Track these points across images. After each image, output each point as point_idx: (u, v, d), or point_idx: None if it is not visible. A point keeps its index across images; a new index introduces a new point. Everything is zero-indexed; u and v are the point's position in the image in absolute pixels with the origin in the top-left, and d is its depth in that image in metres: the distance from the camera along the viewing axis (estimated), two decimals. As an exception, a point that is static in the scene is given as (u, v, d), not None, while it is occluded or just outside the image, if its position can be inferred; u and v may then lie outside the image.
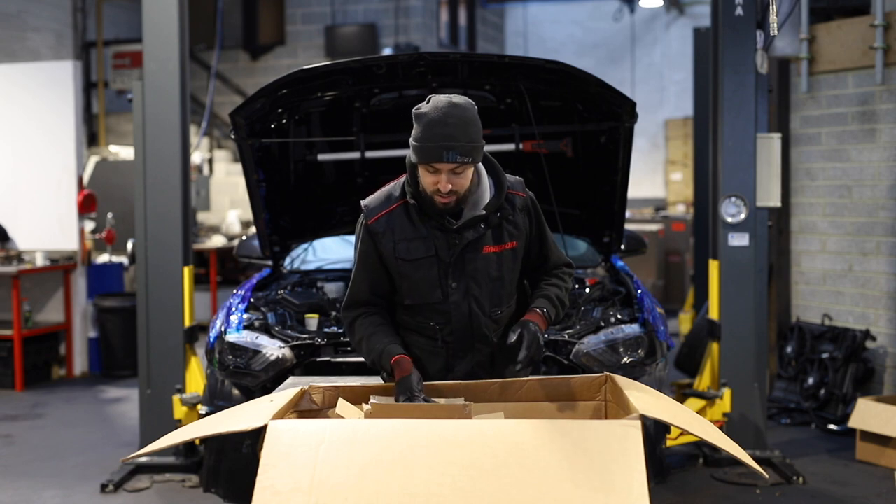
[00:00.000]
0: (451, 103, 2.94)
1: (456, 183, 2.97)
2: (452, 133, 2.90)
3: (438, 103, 2.94)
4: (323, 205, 5.79)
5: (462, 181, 2.99)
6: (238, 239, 8.22)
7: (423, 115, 2.95)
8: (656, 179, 15.93)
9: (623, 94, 4.68)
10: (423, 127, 2.94)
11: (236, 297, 5.06)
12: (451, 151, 2.91)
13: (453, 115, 2.92)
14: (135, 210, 5.51)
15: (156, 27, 5.41)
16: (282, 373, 4.50)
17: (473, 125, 2.96)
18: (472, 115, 2.97)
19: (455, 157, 2.91)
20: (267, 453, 2.50)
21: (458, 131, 2.91)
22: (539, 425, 2.63)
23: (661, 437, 4.72)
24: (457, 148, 2.91)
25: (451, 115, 2.92)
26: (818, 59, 6.70)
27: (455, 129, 2.91)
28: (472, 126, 2.95)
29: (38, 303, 8.07)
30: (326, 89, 5.01)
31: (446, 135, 2.90)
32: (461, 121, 2.92)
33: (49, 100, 7.91)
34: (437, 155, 2.92)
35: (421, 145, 2.95)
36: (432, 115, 2.93)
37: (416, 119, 2.98)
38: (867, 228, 6.55)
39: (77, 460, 5.79)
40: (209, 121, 11.41)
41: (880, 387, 6.41)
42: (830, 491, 5.13)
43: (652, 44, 16.19)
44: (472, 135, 2.95)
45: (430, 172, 2.98)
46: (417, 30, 12.64)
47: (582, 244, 5.68)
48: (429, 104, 2.97)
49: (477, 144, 2.97)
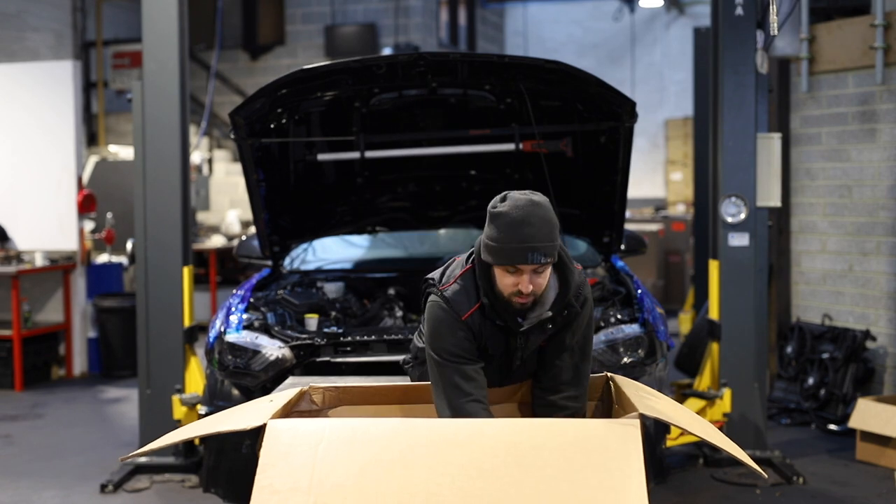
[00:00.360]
0: (531, 202, 2.83)
1: (536, 283, 2.86)
2: (536, 234, 2.79)
3: (518, 202, 2.83)
4: (323, 205, 5.79)
5: (542, 281, 2.88)
6: (238, 239, 8.23)
7: (503, 215, 2.82)
8: (656, 179, 15.93)
9: (623, 94, 4.68)
10: (506, 227, 2.81)
11: (236, 297, 5.05)
12: (536, 253, 2.80)
13: (535, 214, 2.81)
14: (134, 210, 5.51)
15: (155, 27, 5.41)
16: (281, 373, 4.51)
17: (553, 224, 2.85)
18: (552, 213, 2.86)
19: (539, 258, 2.81)
20: (266, 453, 2.50)
21: (541, 232, 2.80)
22: (539, 425, 2.63)
23: (661, 437, 4.72)
24: (541, 249, 2.80)
25: (534, 216, 2.81)
26: (818, 59, 6.70)
27: (538, 230, 2.80)
28: (553, 225, 2.84)
29: (37, 303, 8.07)
30: (326, 89, 5.01)
31: (530, 235, 2.79)
32: (543, 221, 2.82)
33: (49, 99, 7.91)
34: (521, 257, 2.80)
35: (503, 246, 2.81)
36: (514, 214, 2.80)
37: (493, 218, 2.85)
38: (867, 228, 6.55)
39: (77, 460, 5.79)
40: (209, 121, 11.41)
41: (880, 387, 6.40)
42: (830, 491, 5.12)
43: (652, 44, 16.19)
44: (553, 235, 2.84)
45: (509, 273, 2.86)
46: (417, 30, 12.63)
47: (582, 244, 5.68)
48: (506, 202, 2.84)
49: (557, 244, 2.86)
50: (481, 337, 2.97)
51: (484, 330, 2.97)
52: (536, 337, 2.98)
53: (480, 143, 5.20)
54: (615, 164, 5.02)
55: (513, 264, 2.83)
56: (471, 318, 2.95)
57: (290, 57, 12.79)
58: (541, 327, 2.96)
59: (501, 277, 2.88)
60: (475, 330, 2.95)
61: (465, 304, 2.96)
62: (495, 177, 5.51)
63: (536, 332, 2.97)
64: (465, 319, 2.94)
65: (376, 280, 5.71)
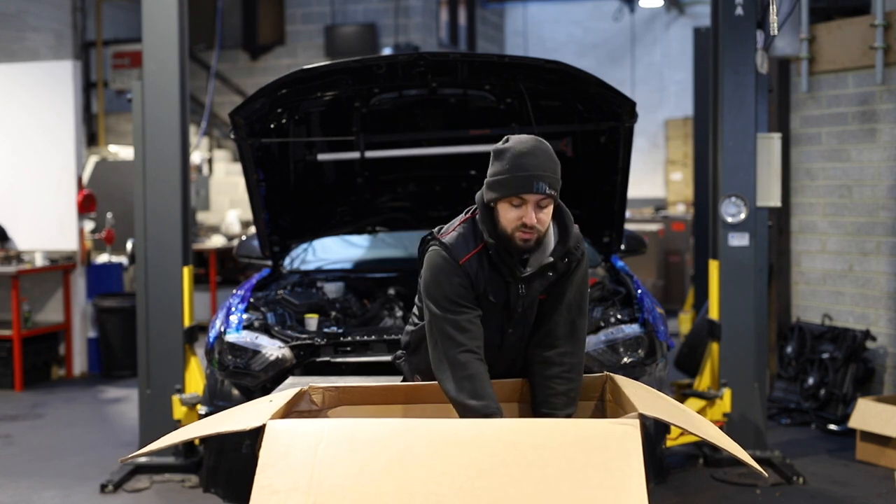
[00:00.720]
0: (535, 138, 2.93)
1: (539, 219, 2.91)
2: (541, 164, 2.87)
3: (522, 138, 2.92)
4: (323, 205, 5.79)
5: (545, 217, 2.93)
6: (238, 239, 8.23)
7: (508, 150, 2.91)
8: (656, 179, 15.93)
9: (623, 94, 4.67)
10: (510, 159, 2.89)
11: (236, 297, 5.05)
12: (541, 182, 2.86)
13: (539, 148, 2.90)
14: (134, 210, 5.51)
15: (155, 27, 5.41)
16: (281, 373, 4.50)
17: (556, 161, 2.92)
18: (553, 151, 2.94)
19: (544, 188, 2.87)
20: (265, 453, 2.50)
21: (546, 163, 2.88)
22: (538, 425, 2.63)
23: (661, 437, 4.72)
24: (545, 179, 2.87)
25: (538, 149, 2.90)
26: (818, 59, 6.70)
27: (543, 161, 2.88)
28: (556, 162, 2.92)
29: (37, 303, 8.07)
30: (326, 89, 5.01)
31: (536, 165, 2.87)
32: (546, 154, 2.90)
33: (49, 99, 7.91)
34: (527, 185, 2.86)
35: (508, 177, 2.88)
36: (519, 147, 2.90)
37: (497, 155, 2.93)
38: (867, 228, 6.55)
39: (77, 460, 5.79)
40: (209, 121, 11.41)
41: (880, 387, 6.40)
42: (830, 491, 5.12)
43: (652, 44, 16.18)
44: (556, 169, 2.91)
45: (513, 206, 2.90)
46: (417, 30, 12.63)
47: (582, 244, 5.68)
48: (510, 141, 2.93)
49: (559, 179, 2.92)
50: (479, 283, 3.00)
51: (483, 276, 2.99)
52: (538, 284, 3.02)
53: (480, 143, 5.20)
54: (615, 164, 5.02)
55: (518, 194, 2.88)
56: (468, 263, 2.99)
57: (290, 57, 12.78)
58: (542, 274, 3.00)
59: (505, 213, 2.92)
60: (472, 275, 2.99)
61: (464, 249, 3.00)
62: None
63: (538, 279, 3.01)
64: (463, 264, 2.98)
65: (376, 280, 5.71)
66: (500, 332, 3.09)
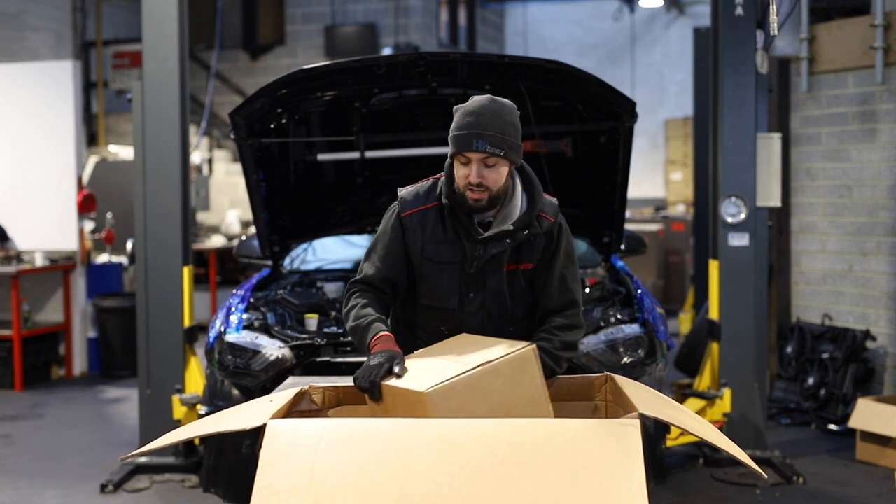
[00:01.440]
0: (490, 98, 2.98)
1: (487, 177, 2.95)
2: (484, 123, 2.91)
3: (478, 98, 2.99)
4: (323, 205, 5.79)
5: (494, 176, 2.96)
6: (238, 239, 8.22)
7: (461, 108, 2.99)
8: (656, 179, 15.93)
9: (623, 94, 4.68)
10: (459, 116, 2.97)
11: (236, 297, 5.05)
12: (481, 140, 2.90)
13: (488, 107, 2.94)
14: (134, 210, 5.51)
15: (156, 27, 5.41)
16: (281, 373, 4.50)
17: (508, 121, 2.96)
18: (510, 111, 2.98)
19: (485, 146, 2.90)
20: (265, 453, 2.50)
21: (490, 122, 2.92)
22: (538, 425, 2.63)
23: (661, 437, 4.72)
24: (486, 137, 2.90)
25: (486, 108, 2.94)
26: (818, 59, 6.70)
27: (487, 120, 2.92)
28: (506, 121, 2.95)
29: (37, 303, 8.07)
30: (326, 89, 5.01)
31: (478, 123, 2.91)
32: (495, 114, 2.94)
33: (49, 99, 7.91)
34: (467, 142, 2.92)
35: (454, 134, 2.96)
36: (469, 107, 2.96)
37: (454, 112, 3.01)
38: (867, 228, 6.55)
39: (77, 460, 5.79)
40: (209, 121, 11.41)
41: (880, 387, 6.40)
42: (830, 491, 5.12)
43: (652, 44, 16.19)
44: (505, 128, 2.94)
45: (462, 164, 2.97)
46: (417, 30, 12.63)
47: (582, 244, 5.68)
48: (467, 101, 3.00)
49: (508, 138, 2.94)
50: (417, 239, 3.07)
51: (426, 233, 3.07)
52: (493, 247, 3.04)
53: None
54: (615, 164, 5.02)
55: (461, 151, 2.94)
56: (410, 217, 3.08)
57: (290, 57, 12.79)
58: (499, 239, 3.03)
59: (457, 170, 2.99)
60: (411, 229, 3.07)
61: (411, 204, 3.10)
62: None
63: (494, 243, 3.03)
64: (406, 216, 3.08)
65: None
66: (458, 295, 3.10)
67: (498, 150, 2.92)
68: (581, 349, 4.45)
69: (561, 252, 3.11)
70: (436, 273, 3.09)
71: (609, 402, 3.05)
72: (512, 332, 3.12)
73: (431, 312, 3.14)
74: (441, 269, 3.08)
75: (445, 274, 3.08)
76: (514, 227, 3.01)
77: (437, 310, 3.13)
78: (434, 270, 3.09)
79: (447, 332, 3.11)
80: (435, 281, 3.10)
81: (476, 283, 3.09)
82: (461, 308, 3.11)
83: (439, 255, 3.08)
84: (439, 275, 3.09)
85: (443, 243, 3.07)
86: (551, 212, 3.10)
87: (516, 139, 2.97)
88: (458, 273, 3.08)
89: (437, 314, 3.13)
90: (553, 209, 3.11)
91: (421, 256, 3.09)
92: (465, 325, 3.11)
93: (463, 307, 3.11)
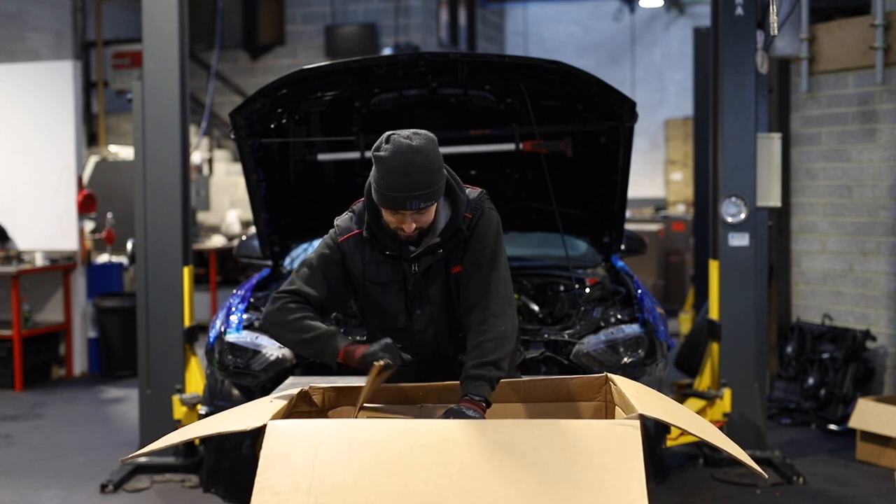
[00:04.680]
0: (411, 148, 2.83)
1: (420, 221, 2.94)
2: (415, 182, 2.82)
3: (399, 148, 2.84)
4: (323, 205, 5.78)
5: (426, 218, 2.95)
6: (238, 239, 8.22)
7: (382, 160, 2.86)
8: (656, 179, 15.93)
9: (623, 94, 4.67)
10: (385, 174, 2.85)
11: (236, 297, 5.05)
12: (415, 200, 2.85)
13: (414, 162, 2.82)
14: (135, 210, 5.51)
15: (156, 27, 5.41)
16: (282, 373, 4.50)
17: (435, 168, 2.87)
18: (433, 156, 2.87)
19: (418, 205, 2.86)
20: (266, 454, 2.50)
21: (421, 178, 2.83)
22: (538, 425, 2.63)
23: (661, 437, 4.72)
24: (420, 196, 2.85)
25: (412, 163, 2.82)
26: (818, 59, 6.70)
27: (418, 178, 2.83)
28: (433, 169, 2.86)
29: (37, 303, 8.07)
30: (326, 89, 5.01)
31: (409, 184, 2.82)
32: (421, 168, 2.83)
33: (49, 99, 7.91)
34: (400, 204, 2.86)
35: (384, 193, 2.87)
36: (393, 163, 2.83)
37: (376, 162, 2.89)
38: (867, 228, 6.55)
39: (77, 460, 5.79)
40: (209, 121, 11.41)
41: (880, 387, 6.40)
42: (830, 491, 5.13)
43: (652, 44, 16.19)
44: (434, 179, 2.87)
45: (392, 214, 2.93)
46: (417, 30, 12.63)
47: (582, 244, 5.68)
48: (388, 146, 2.86)
49: (438, 187, 2.90)
50: (356, 264, 3.08)
51: (363, 257, 3.07)
52: (426, 261, 3.04)
53: (480, 143, 5.20)
54: (615, 164, 5.02)
55: (393, 209, 2.91)
56: (346, 242, 3.09)
57: (290, 57, 12.79)
58: (432, 252, 3.03)
59: (387, 215, 2.97)
60: (349, 254, 3.08)
61: (346, 229, 3.12)
62: (495, 177, 5.51)
63: (427, 257, 3.04)
64: (342, 242, 3.09)
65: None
66: (405, 314, 3.10)
67: (431, 202, 2.90)
68: (581, 349, 4.46)
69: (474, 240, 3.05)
70: (380, 294, 3.10)
71: (609, 402, 3.05)
72: (462, 336, 3.11)
73: (384, 333, 3.10)
74: (384, 289, 3.09)
75: (390, 293, 3.09)
76: (440, 238, 3.02)
77: (388, 330, 3.12)
78: (378, 291, 3.10)
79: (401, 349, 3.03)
80: (381, 302, 3.11)
81: (419, 298, 3.09)
82: (409, 325, 3.12)
83: (380, 275, 3.08)
84: (384, 295, 3.09)
85: (382, 264, 3.08)
86: (472, 208, 3.07)
87: (442, 178, 2.92)
88: (402, 291, 3.09)
89: (390, 334, 3.07)
90: (473, 205, 3.07)
91: (363, 279, 3.09)
92: (418, 340, 3.12)
93: (412, 324, 3.12)
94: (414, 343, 3.12)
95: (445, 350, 3.16)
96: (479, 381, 2.86)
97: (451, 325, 3.13)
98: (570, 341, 4.48)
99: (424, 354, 3.14)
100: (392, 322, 3.12)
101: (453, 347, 3.15)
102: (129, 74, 11.72)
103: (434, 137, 2.93)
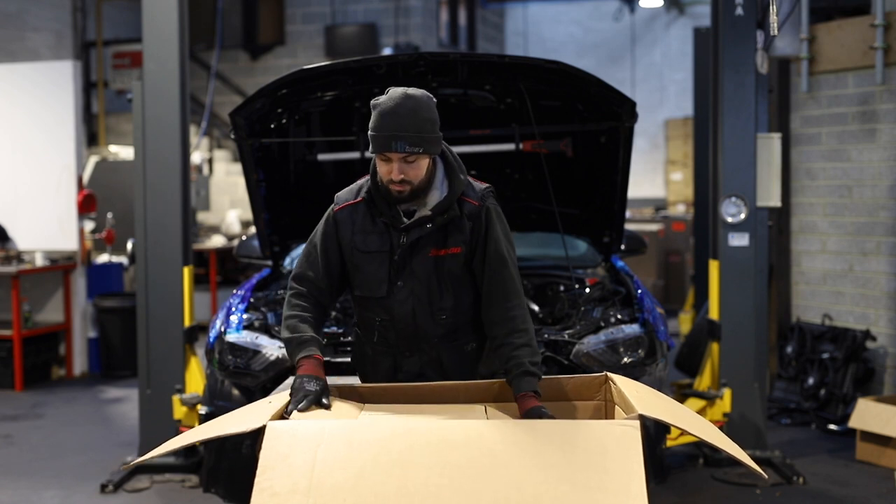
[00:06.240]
0: (405, 95, 2.99)
1: (408, 172, 3.01)
2: (402, 123, 2.94)
3: (393, 94, 2.99)
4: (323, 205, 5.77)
5: (415, 171, 3.03)
6: (238, 239, 8.22)
7: (376, 106, 3.00)
8: (656, 179, 15.93)
9: (623, 94, 4.67)
10: (376, 117, 2.99)
11: (236, 297, 5.05)
12: (400, 141, 2.95)
13: (405, 105, 2.96)
14: (135, 210, 5.51)
15: (156, 27, 5.41)
16: (282, 373, 4.50)
17: (424, 117, 2.98)
18: (425, 106, 3.00)
19: (403, 147, 2.95)
20: (265, 454, 2.50)
21: (408, 122, 2.95)
22: (538, 425, 2.63)
23: (661, 437, 4.72)
24: (405, 138, 2.95)
25: (403, 106, 2.96)
26: (818, 59, 6.70)
27: (405, 120, 2.95)
28: (424, 117, 2.98)
29: (37, 303, 8.07)
30: (326, 89, 5.01)
31: (396, 125, 2.94)
32: (411, 112, 2.96)
33: (49, 100, 7.90)
34: (385, 144, 2.97)
35: (373, 135, 3.00)
36: (385, 105, 2.97)
37: (372, 109, 3.02)
38: (867, 228, 6.55)
39: (77, 460, 5.79)
40: (209, 121, 11.41)
41: (880, 387, 6.40)
42: (830, 491, 5.12)
43: (652, 44, 16.19)
44: (422, 126, 2.97)
45: (383, 161, 3.03)
46: (417, 30, 12.63)
47: (582, 244, 5.68)
48: (381, 98, 3.01)
49: (427, 136, 2.99)
50: (346, 232, 3.17)
51: (356, 225, 3.16)
52: (415, 233, 3.10)
53: (480, 143, 5.20)
54: (615, 164, 5.02)
55: (380, 152, 3.00)
56: (342, 211, 3.20)
57: (290, 57, 12.79)
58: (420, 225, 3.09)
59: (379, 166, 3.06)
60: (341, 223, 3.18)
61: (344, 199, 3.23)
62: (495, 177, 5.50)
63: (417, 230, 3.10)
64: (337, 211, 3.20)
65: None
66: (386, 283, 3.15)
67: (417, 148, 2.97)
68: (581, 349, 4.46)
69: (493, 234, 3.13)
70: (366, 263, 3.17)
71: (609, 402, 3.05)
72: (444, 319, 3.17)
73: (364, 303, 3.22)
74: (370, 258, 3.16)
75: (375, 263, 3.16)
76: (432, 212, 3.08)
77: (368, 300, 3.20)
78: (364, 260, 3.17)
79: (379, 321, 3.19)
80: (366, 271, 3.18)
81: (402, 270, 3.15)
82: (390, 296, 3.17)
83: (367, 244, 3.16)
84: (369, 264, 3.16)
85: (371, 233, 3.16)
86: (475, 196, 3.16)
87: (434, 132, 3.02)
88: (387, 262, 3.15)
89: (370, 304, 3.20)
90: (479, 194, 3.17)
91: (351, 248, 3.18)
92: (397, 312, 3.16)
93: (392, 295, 3.16)
94: (392, 316, 3.18)
95: (423, 326, 3.18)
96: (531, 377, 2.96)
97: (432, 303, 3.17)
98: (570, 341, 4.48)
99: (401, 329, 3.19)
100: (373, 291, 3.17)
101: (431, 325, 3.18)
102: (129, 74, 11.72)
103: (432, 96, 3.05)
